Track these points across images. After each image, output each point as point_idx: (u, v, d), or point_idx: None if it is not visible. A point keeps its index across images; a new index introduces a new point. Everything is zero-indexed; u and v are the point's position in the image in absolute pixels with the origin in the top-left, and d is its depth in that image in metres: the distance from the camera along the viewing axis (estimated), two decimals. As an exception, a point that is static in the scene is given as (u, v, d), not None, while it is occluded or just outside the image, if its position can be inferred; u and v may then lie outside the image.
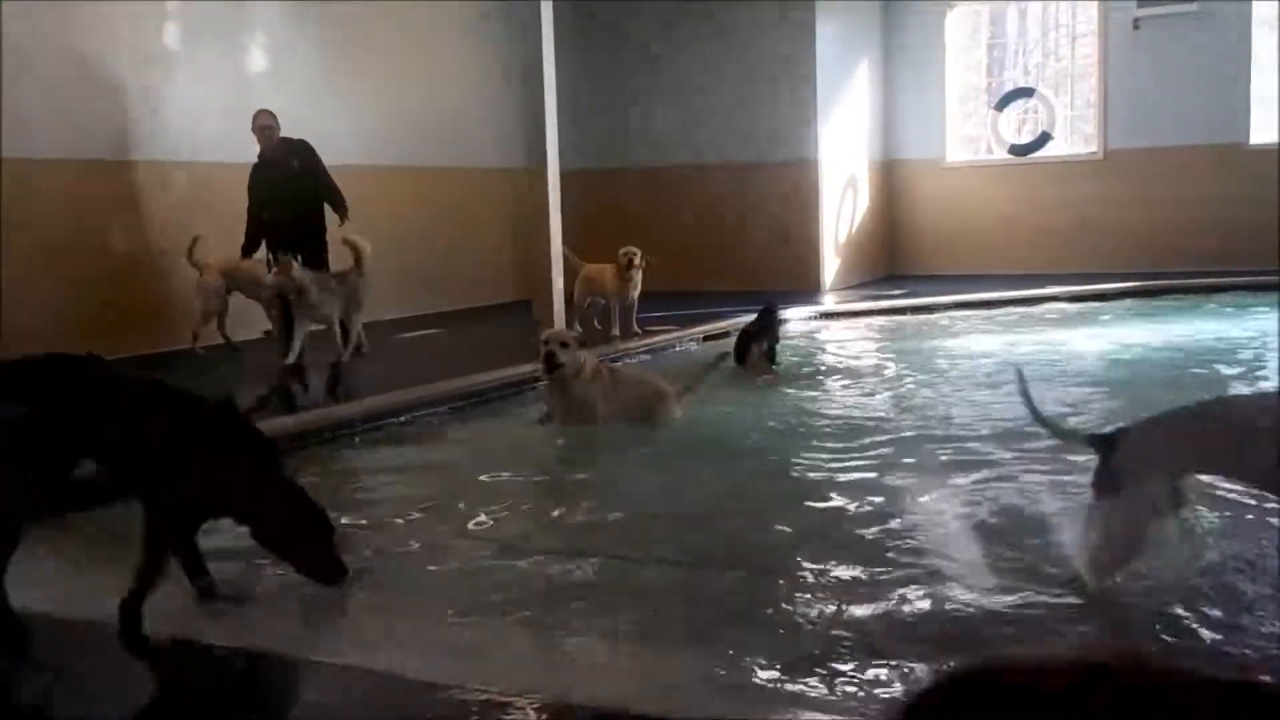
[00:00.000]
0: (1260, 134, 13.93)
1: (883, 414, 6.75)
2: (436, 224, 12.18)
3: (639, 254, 9.52)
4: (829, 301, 12.60)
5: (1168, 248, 13.93)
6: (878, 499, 4.82)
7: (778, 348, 8.47)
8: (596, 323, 9.89)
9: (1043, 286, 12.44)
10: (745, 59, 13.80)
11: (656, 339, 9.64)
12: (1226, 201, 13.73)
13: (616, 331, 9.59)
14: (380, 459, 6.07)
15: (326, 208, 8.90)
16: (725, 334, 10.11)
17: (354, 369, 8.39)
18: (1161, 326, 10.08)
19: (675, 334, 9.89)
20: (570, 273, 9.99)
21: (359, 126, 11.13)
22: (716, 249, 13.90)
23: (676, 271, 13.39)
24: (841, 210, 14.43)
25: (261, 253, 8.77)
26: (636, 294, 9.68)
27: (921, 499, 4.82)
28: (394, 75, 11.75)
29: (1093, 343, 9.39)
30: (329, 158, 9.01)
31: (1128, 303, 11.92)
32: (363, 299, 8.72)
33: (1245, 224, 13.41)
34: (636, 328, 9.70)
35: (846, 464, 5.45)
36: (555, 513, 4.97)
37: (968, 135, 15.93)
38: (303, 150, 8.80)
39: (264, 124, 8.72)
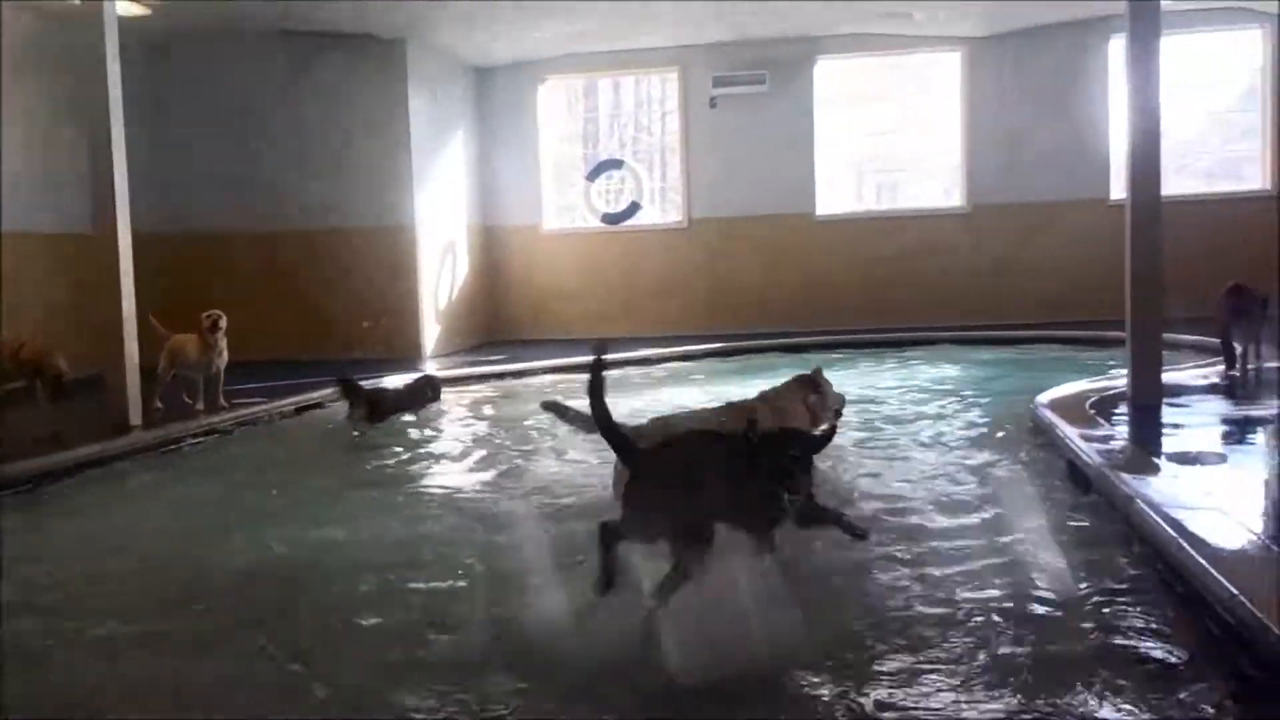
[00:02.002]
0: (825, 206, 15.27)
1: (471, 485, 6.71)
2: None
3: (222, 315, 9.02)
4: (430, 368, 12.46)
5: (749, 310, 14.92)
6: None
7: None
8: (185, 396, 9.25)
9: (635, 349, 12.92)
10: (342, 123, 13.55)
11: (245, 411, 9.13)
12: (797, 268, 14.94)
13: (200, 406, 9.01)
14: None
15: None
16: (319, 405, 9.79)
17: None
18: (746, 383, 10.68)
19: (265, 406, 9.41)
20: (157, 344, 9.29)
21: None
22: (316, 316, 13.46)
23: (277, 339, 12.91)
24: (441, 276, 14.41)
25: None
26: (223, 362, 9.13)
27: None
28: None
29: (685, 400, 9.79)
30: None
31: (715, 362, 12.60)
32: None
33: (817, 288, 14.76)
34: (223, 400, 9.15)
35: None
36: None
37: (566, 204, 16.39)
38: None
39: None
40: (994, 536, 4.77)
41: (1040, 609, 3.84)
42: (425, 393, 9.81)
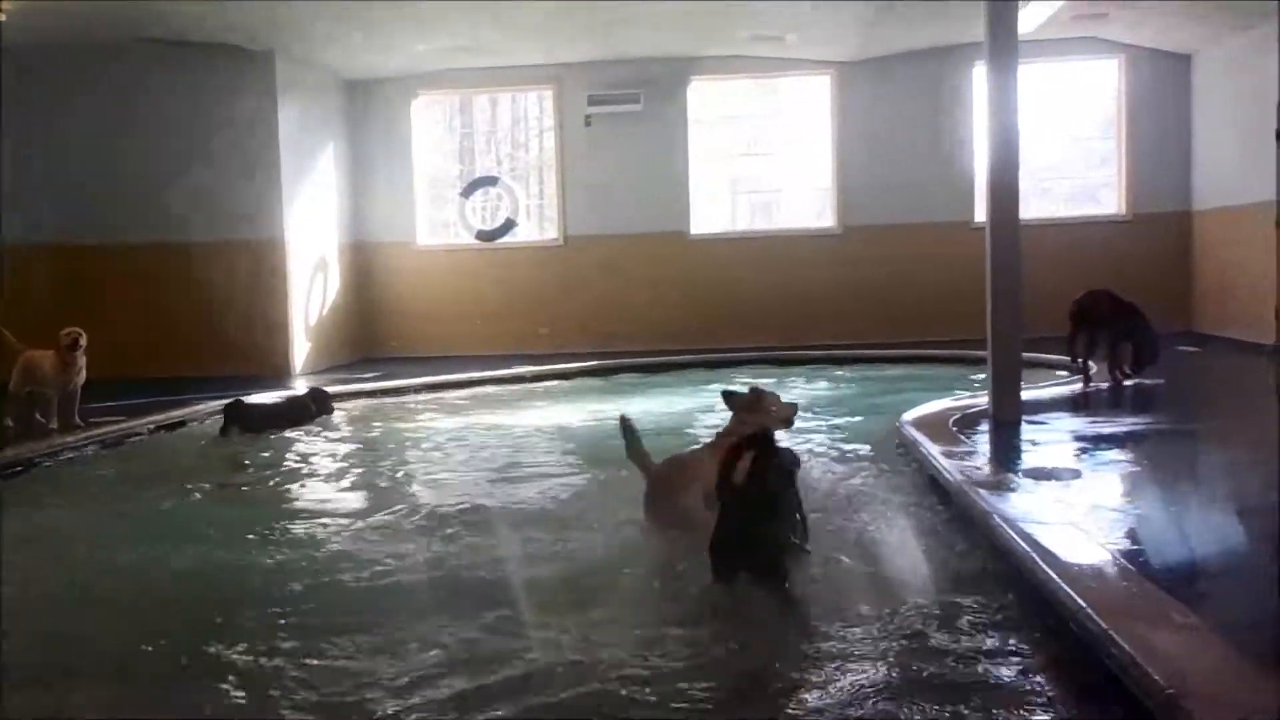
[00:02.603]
0: (699, 226, 15.42)
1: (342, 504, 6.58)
2: None
3: (82, 334, 8.69)
4: (300, 386, 12.19)
5: (625, 328, 14.95)
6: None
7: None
8: (39, 415, 8.86)
9: (511, 366, 12.87)
10: (209, 136, 13.17)
11: (101, 430, 8.80)
12: (672, 287, 15.05)
13: (54, 425, 8.66)
14: None
15: None
16: (182, 423, 9.50)
17: None
18: (614, 403, 10.70)
19: (124, 425, 9.09)
20: (10, 359, 8.89)
21: None
22: (184, 331, 13.08)
23: (141, 355, 12.52)
24: (312, 292, 14.14)
25: None
26: (81, 380, 8.82)
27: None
28: None
29: (558, 418, 9.79)
30: None
31: (590, 380, 12.60)
32: None
33: (692, 307, 14.91)
34: (78, 419, 8.81)
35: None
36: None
37: (442, 220, 16.24)
38: None
39: None
40: (854, 551, 4.83)
41: (896, 622, 3.89)
42: (308, 408, 9.61)
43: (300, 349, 13.71)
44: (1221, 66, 13.72)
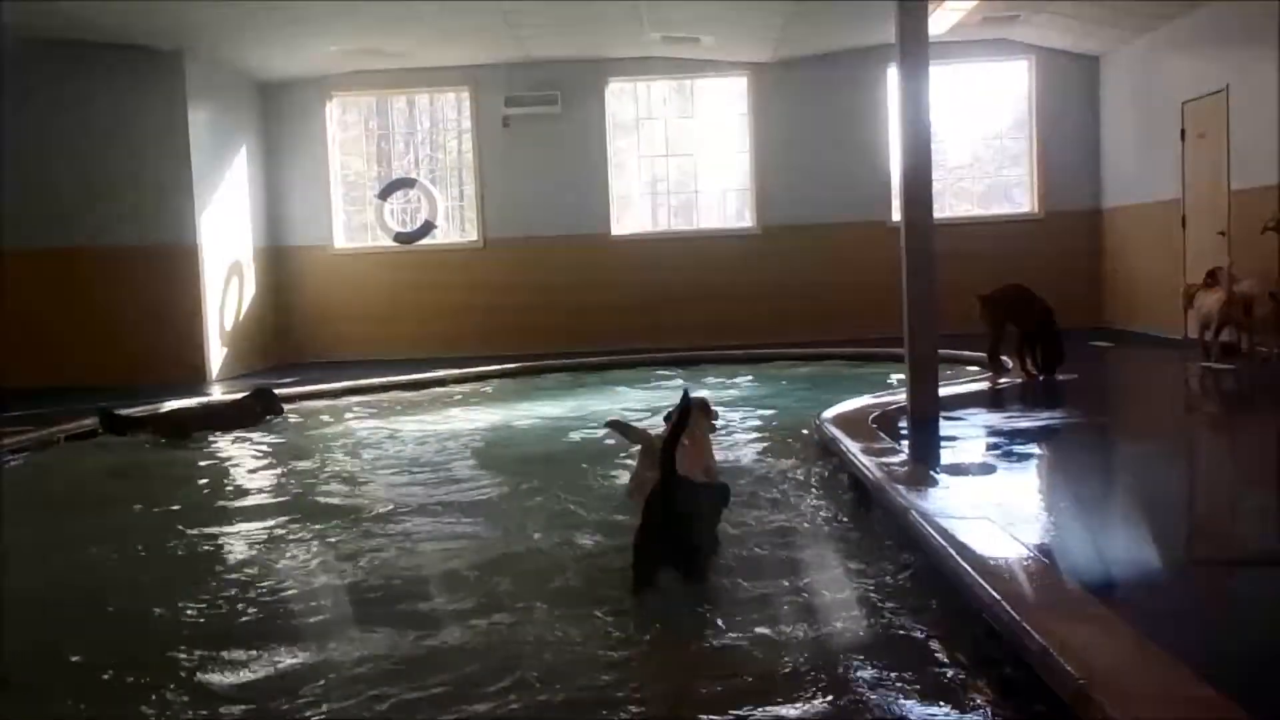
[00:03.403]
0: (620, 227, 15.42)
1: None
2: None
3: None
4: (216, 392, 11.98)
5: (546, 329, 14.90)
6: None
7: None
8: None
9: (431, 369, 12.78)
10: (118, 137, 12.87)
11: (11, 439, 8.56)
12: (593, 288, 15.04)
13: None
14: None
15: None
16: (95, 433, 9.27)
17: None
18: (546, 402, 10.70)
19: (33, 434, 8.85)
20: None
21: None
22: (92, 339, 12.77)
23: (48, 364, 12.23)
24: (227, 297, 13.89)
25: None
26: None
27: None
28: None
29: (483, 419, 9.75)
30: None
31: (511, 382, 12.55)
32: None
33: (613, 308, 14.93)
34: (-18, 430, 8.58)
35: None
36: None
37: (361, 222, 16.04)
38: None
39: None
40: (776, 546, 4.87)
41: (817, 617, 3.92)
42: (252, 409, 9.40)
43: (216, 355, 13.46)
44: (1127, 67, 14.03)
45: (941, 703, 3.21)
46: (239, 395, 9.94)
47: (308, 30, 12.84)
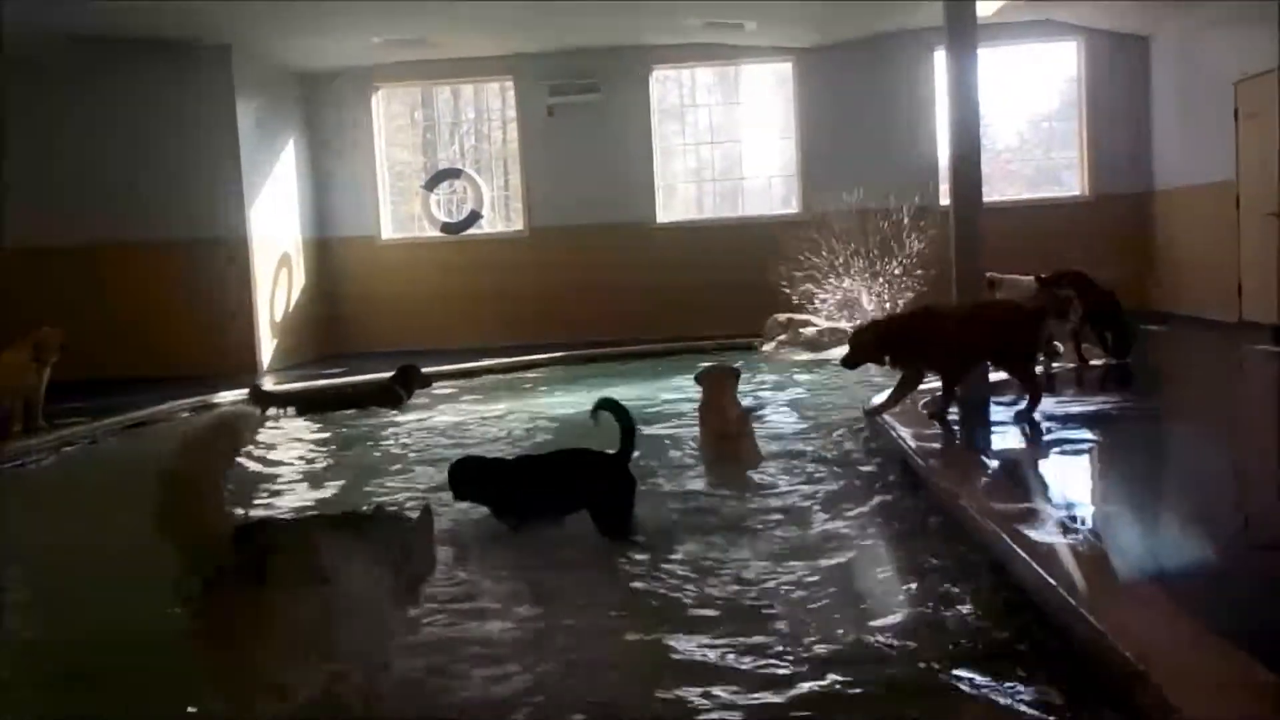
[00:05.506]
0: (664, 213, 15.39)
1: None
2: None
3: (55, 337, 8.62)
4: (269, 384, 12.10)
5: (592, 318, 14.92)
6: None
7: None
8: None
9: (478, 359, 12.82)
10: (168, 132, 13.06)
11: (67, 431, 8.72)
12: (639, 275, 14.99)
13: (19, 428, 8.55)
14: None
15: None
16: (144, 423, 9.39)
17: None
18: (592, 390, 10.67)
19: (89, 426, 9.00)
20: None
21: None
22: (148, 332, 12.97)
23: (107, 357, 12.40)
24: (276, 289, 14.04)
25: None
26: (44, 384, 8.73)
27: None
28: None
29: (533, 408, 9.76)
30: None
31: (559, 370, 12.56)
32: None
33: (660, 295, 14.83)
34: (42, 421, 8.71)
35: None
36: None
37: (408, 213, 16.15)
38: None
39: None
40: (828, 534, 4.87)
41: (868, 600, 3.94)
42: (391, 390, 9.22)
43: (266, 346, 13.61)
44: (1177, 46, 13.82)
45: (992, 686, 3.20)
46: (383, 375, 9.71)
47: (351, 22, 12.93)
